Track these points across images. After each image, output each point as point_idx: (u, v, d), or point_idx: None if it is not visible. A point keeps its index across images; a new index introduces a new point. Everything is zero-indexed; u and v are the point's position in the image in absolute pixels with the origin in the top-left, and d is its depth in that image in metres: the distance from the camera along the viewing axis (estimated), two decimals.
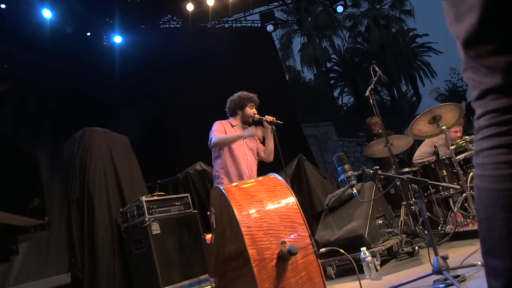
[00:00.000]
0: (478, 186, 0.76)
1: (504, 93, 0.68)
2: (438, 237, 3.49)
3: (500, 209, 0.70)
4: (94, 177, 3.67)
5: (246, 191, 2.08)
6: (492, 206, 0.72)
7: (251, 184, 2.29)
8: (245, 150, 3.24)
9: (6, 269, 4.30)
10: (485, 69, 0.69)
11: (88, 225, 3.52)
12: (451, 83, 30.22)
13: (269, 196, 2.01)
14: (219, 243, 2.15)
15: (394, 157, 3.82)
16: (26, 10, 4.86)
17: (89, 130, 3.91)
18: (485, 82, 0.70)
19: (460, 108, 3.72)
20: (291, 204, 1.98)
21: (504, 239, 0.70)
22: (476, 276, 2.14)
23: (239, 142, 3.23)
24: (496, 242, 0.71)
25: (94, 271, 3.38)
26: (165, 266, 3.14)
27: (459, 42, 0.73)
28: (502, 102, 0.69)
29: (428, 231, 2.40)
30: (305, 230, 1.91)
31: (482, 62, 0.69)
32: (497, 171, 0.70)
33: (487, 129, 0.73)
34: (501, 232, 0.70)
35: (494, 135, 0.71)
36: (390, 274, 2.88)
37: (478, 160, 0.76)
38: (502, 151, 0.70)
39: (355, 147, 13.48)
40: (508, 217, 0.69)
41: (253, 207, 1.93)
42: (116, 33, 5.95)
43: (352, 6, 22.91)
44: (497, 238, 0.71)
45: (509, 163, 0.68)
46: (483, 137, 0.75)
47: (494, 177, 0.71)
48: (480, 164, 0.75)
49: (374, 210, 3.46)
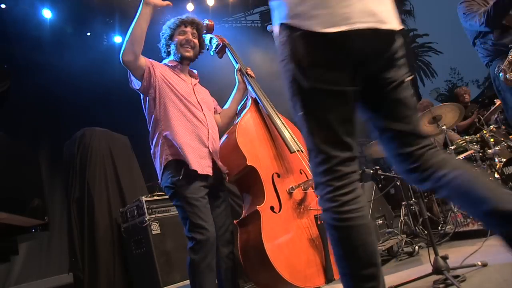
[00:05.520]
0: None
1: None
2: (438, 237, 3.49)
3: None
4: (94, 177, 3.67)
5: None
6: None
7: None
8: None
9: (7, 269, 4.31)
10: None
11: (88, 225, 3.52)
12: (451, 83, 30.26)
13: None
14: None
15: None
16: (26, 10, 4.86)
17: (89, 130, 3.91)
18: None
19: (460, 108, 3.72)
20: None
21: None
22: (476, 276, 2.14)
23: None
24: None
25: (94, 271, 3.38)
26: (165, 266, 3.13)
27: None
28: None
29: (428, 231, 2.41)
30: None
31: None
32: None
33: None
34: None
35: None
36: (390, 274, 2.88)
37: None
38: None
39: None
40: None
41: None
42: (116, 33, 5.95)
43: None
44: None
45: None
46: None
47: None
48: None
49: (374, 210, 3.47)
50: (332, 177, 1.17)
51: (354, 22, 1.15)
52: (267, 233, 2.05)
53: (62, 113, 5.35)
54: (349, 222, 1.14)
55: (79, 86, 5.36)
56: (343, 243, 1.16)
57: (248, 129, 2.36)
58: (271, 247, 2.02)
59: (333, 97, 1.18)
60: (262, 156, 2.28)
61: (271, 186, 2.23)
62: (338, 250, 1.17)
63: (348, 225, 1.14)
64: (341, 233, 1.16)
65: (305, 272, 2.07)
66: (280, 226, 2.12)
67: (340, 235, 1.16)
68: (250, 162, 2.21)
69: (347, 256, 1.15)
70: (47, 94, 5.23)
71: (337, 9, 1.16)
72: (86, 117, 5.18)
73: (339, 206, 1.16)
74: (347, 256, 1.15)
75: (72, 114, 5.35)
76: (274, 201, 2.19)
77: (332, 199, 1.17)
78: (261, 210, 2.10)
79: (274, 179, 2.25)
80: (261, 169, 2.24)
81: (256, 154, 2.27)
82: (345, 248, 1.15)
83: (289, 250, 2.08)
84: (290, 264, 2.04)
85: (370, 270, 1.13)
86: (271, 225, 2.09)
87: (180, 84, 2.25)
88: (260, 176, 2.22)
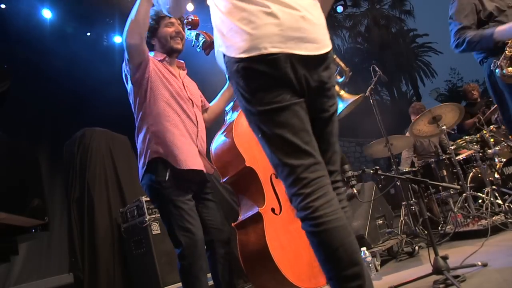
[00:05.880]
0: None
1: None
2: (438, 237, 3.49)
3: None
4: (94, 177, 3.67)
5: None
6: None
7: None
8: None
9: (7, 269, 4.30)
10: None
11: (88, 225, 3.52)
12: (451, 83, 30.20)
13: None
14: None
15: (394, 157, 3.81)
16: (26, 10, 4.85)
17: (89, 130, 3.91)
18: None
19: (460, 108, 3.72)
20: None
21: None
22: (476, 276, 2.14)
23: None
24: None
25: (94, 271, 3.38)
26: (165, 266, 3.13)
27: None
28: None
29: (428, 231, 2.40)
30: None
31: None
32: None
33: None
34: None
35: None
36: (390, 274, 2.89)
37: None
38: None
39: (355, 147, 13.47)
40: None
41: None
42: (116, 33, 5.94)
43: (352, 6, 22.89)
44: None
45: None
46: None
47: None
48: None
49: (374, 210, 3.47)
50: (300, 186, 1.21)
51: (265, 47, 1.21)
52: (271, 236, 2.04)
53: (62, 113, 5.34)
54: (325, 226, 1.17)
55: (79, 86, 5.35)
56: (323, 247, 1.18)
57: (244, 129, 2.26)
58: (276, 249, 2.01)
59: (281, 113, 1.23)
60: (259, 157, 2.21)
61: (270, 187, 2.20)
62: (320, 255, 1.20)
63: (324, 229, 1.17)
64: (319, 238, 1.18)
65: (307, 272, 2.07)
66: (281, 228, 2.11)
67: (318, 240, 1.19)
68: (249, 163, 2.17)
69: (328, 260, 1.18)
70: (47, 94, 5.22)
71: (251, 35, 1.23)
72: (86, 117, 5.17)
73: (312, 212, 1.18)
74: (328, 259, 1.18)
75: (72, 114, 5.35)
76: (274, 202, 2.17)
77: (304, 208, 1.19)
78: (263, 213, 2.08)
79: (273, 180, 2.22)
80: (259, 170, 2.19)
81: (254, 154, 2.21)
82: (326, 252, 1.18)
83: (292, 252, 2.08)
84: (293, 265, 2.03)
85: (353, 269, 1.15)
86: (274, 227, 2.08)
87: (171, 79, 2.13)
88: (259, 177, 2.18)
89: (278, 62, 1.21)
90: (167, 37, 2.19)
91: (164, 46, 2.20)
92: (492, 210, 3.41)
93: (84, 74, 5.23)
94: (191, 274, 1.89)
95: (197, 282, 1.89)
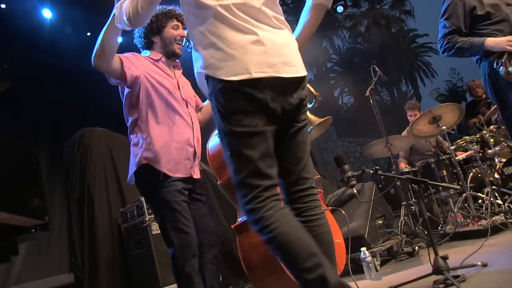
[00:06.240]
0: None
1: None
2: (438, 237, 3.49)
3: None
4: (94, 177, 3.67)
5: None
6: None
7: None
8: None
9: (7, 269, 4.30)
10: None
11: (88, 225, 3.52)
12: (451, 83, 30.18)
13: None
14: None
15: (394, 157, 3.82)
16: (26, 10, 4.86)
17: (89, 130, 3.91)
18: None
19: (460, 108, 3.73)
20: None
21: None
22: (476, 276, 2.14)
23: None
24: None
25: (94, 271, 3.38)
26: (165, 266, 3.13)
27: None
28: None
29: (428, 231, 2.40)
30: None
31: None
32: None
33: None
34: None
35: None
36: (390, 274, 2.89)
37: None
38: None
39: (355, 147, 13.47)
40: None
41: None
42: None
43: (352, 6, 22.88)
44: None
45: None
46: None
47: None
48: None
49: (374, 210, 3.47)
50: (256, 202, 1.30)
51: (254, 72, 1.31)
52: None
53: (62, 113, 5.34)
54: (277, 230, 1.26)
55: (79, 86, 5.36)
56: (280, 249, 1.27)
57: None
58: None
59: (253, 138, 1.33)
60: None
61: None
62: (281, 257, 1.29)
63: (277, 233, 1.26)
64: (275, 242, 1.27)
65: None
66: None
67: (275, 244, 1.28)
68: None
69: (288, 258, 1.26)
70: (47, 94, 5.23)
71: (240, 60, 1.32)
72: (86, 117, 5.17)
73: (264, 221, 1.28)
74: (288, 257, 1.26)
75: (72, 114, 5.35)
76: None
77: (258, 220, 1.29)
78: None
79: None
80: None
81: None
82: (284, 252, 1.26)
83: None
84: None
85: (312, 260, 1.22)
86: None
87: (165, 81, 2.08)
88: None
89: (265, 86, 1.32)
90: (172, 39, 2.15)
91: (165, 47, 2.16)
92: (492, 210, 3.40)
93: (84, 74, 5.23)
94: (184, 274, 1.89)
95: (190, 282, 1.88)
